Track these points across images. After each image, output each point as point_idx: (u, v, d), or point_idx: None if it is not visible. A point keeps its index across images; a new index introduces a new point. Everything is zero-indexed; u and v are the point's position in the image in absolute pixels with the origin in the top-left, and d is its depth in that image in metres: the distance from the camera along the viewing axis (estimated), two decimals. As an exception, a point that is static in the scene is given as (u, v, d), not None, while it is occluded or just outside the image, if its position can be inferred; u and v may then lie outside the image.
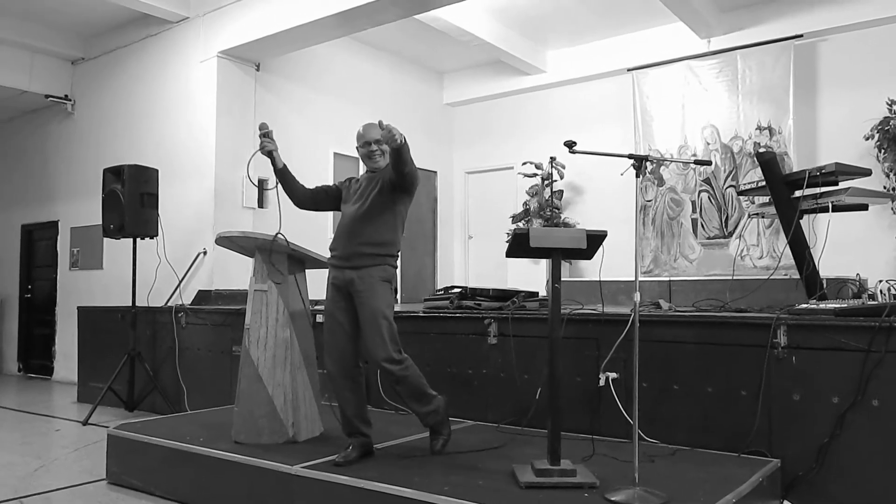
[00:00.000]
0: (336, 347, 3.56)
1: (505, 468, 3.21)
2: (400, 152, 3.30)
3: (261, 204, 7.75)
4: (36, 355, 9.65)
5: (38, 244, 9.78)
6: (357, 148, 3.70)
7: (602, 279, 4.29)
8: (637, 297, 2.98)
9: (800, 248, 4.10)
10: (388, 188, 3.52)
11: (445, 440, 3.61)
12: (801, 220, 4.15)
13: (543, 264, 8.57)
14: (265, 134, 3.76)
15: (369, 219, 3.53)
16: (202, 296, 6.97)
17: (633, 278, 3.01)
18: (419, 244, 9.88)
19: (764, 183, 4.33)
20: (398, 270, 3.68)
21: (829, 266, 4.38)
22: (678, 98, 8.29)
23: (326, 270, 4.36)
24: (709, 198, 8.09)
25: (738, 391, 3.56)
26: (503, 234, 9.19)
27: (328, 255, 3.92)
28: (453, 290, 5.10)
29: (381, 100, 9.23)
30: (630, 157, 3.04)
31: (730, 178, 7.95)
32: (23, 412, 6.72)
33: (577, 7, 8.10)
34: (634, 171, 3.05)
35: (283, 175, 3.85)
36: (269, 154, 3.79)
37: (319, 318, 5.20)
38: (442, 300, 5.03)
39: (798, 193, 4.11)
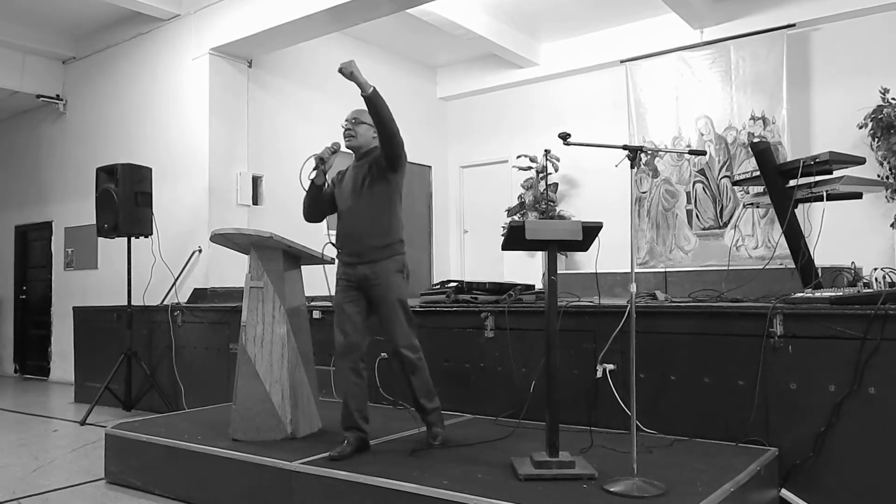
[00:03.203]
0: (346, 341, 3.58)
1: (503, 461, 3.21)
2: (371, 101, 3.40)
3: (255, 201, 7.74)
4: (32, 356, 9.62)
5: (32, 245, 9.75)
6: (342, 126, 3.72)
7: (598, 271, 4.30)
8: (633, 288, 2.99)
9: (795, 238, 4.11)
10: (377, 171, 3.55)
11: (444, 435, 3.66)
12: (795, 210, 4.15)
13: (539, 257, 8.59)
14: (334, 151, 3.68)
15: (370, 211, 3.56)
16: (198, 294, 6.96)
17: (630, 270, 3.02)
18: (415, 239, 9.85)
19: (758, 173, 4.33)
20: (407, 254, 3.71)
21: (824, 255, 4.40)
22: (672, 89, 8.29)
23: (322, 267, 4.38)
24: (703, 188, 8.10)
25: (735, 381, 3.57)
26: (498, 228, 9.19)
27: (323, 250, 3.94)
28: (450, 285, 5.11)
29: (374, 95, 9.19)
30: (625, 148, 3.04)
31: (724, 169, 7.96)
32: (20, 413, 6.70)
33: (570, -1, 8.09)
34: (629, 163, 3.05)
35: (319, 192, 3.71)
36: (322, 162, 3.63)
37: (316, 315, 5.23)
38: (438, 294, 5.03)
39: (792, 183, 4.11)
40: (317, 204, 3.73)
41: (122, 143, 8.06)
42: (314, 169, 3.61)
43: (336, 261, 3.75)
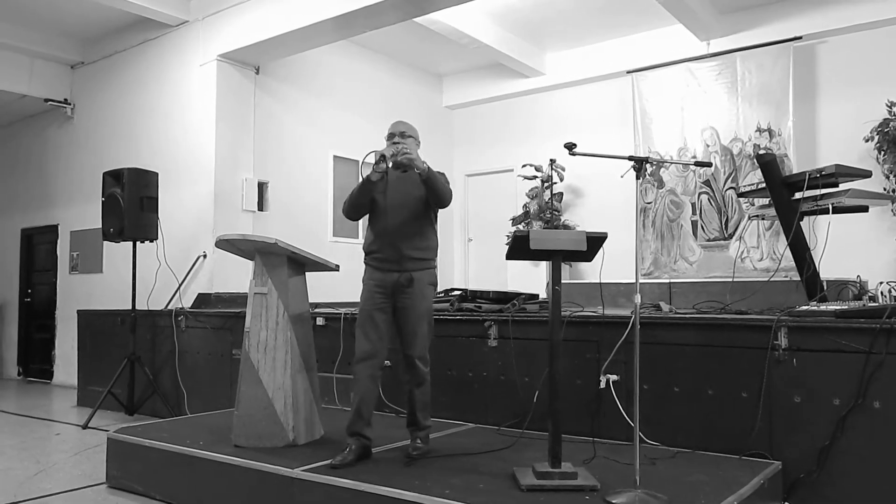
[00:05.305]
0: (370, 348, 3.55)
1: (506, 471, 3.20)
2: (430, 182, 3.44)
3: (261, 207, 7.76)
4: (36, 359, 9.64)
5: (37, 248, 9.78)
6: (385, 140, 3.71)
7: (602, 281, 4.29)
8: (637, 299, 2.98)
9: (800, 250, 4.10)
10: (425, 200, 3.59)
11: (425, 451, 3.61)
12: (801, 222, 4.15)
13: (543, 267, 8.57)
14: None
15: (416, 223, 3.59)
16: (202, 299, 6.97)
17: (634, 280, 3.01)
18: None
19: (764, 185, 4.33)
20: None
21: (829, 268, 4.38)
22: (677, 100, 8.30)
23: (325, 273, 4.39)
24: (709, 200, 8.09)
25: (738, 393, 3.56)
26: (503, 237, 9.19)
27: (319, 255, 3.90)
28: (454, 293, 5.10)
29: (380, 102, 9.23)
30: (630, 158, 3.04)
31: (730, 180, 7.95)
32: (22, 416, 6.71)
33: (576, 9, 8.10)
34: (634, 173, 3.05)
35: (371, 191, 3.56)
36: (384, 159, 3.41)
37: (320, 322, 5.23)
38: (442, 302, 5.02)
39: (798, 195, 4.11)
40: (365, 202, 3.58)
41: (129, 148, 8.09)
42: (376, 164, 3.41)
43: (368, 266, 3.65)
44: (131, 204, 6.44)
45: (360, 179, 3.55)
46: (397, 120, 3.78)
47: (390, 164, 3.45)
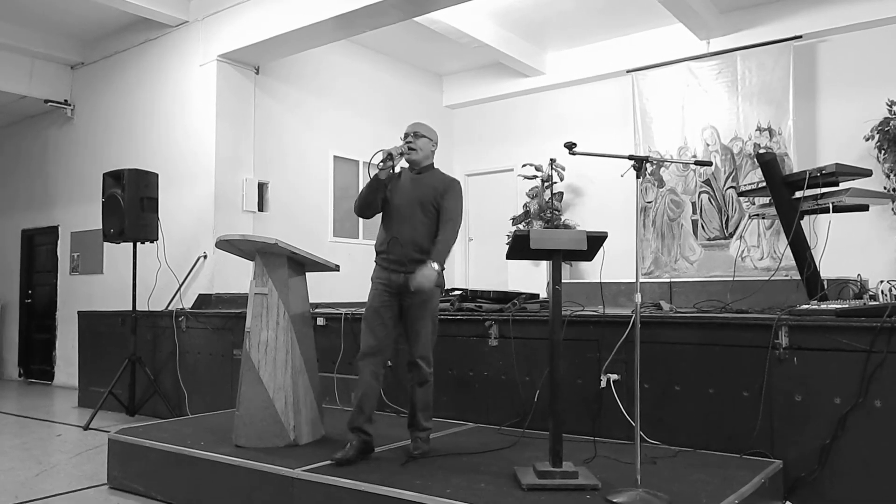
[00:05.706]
0: (375, 344, 3.58)
1: (507, 470, 3.20)
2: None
3: (261, 207, 7.76)
4: (36, 360, 9.64)
5: (38, 249, 9.77)
6: (401, 139, 3.74)
7: (603, 281, 4.29)
8: (638, 298, 2.98)
9: (801, 249, 4.10)
10: (436, 201, 3.60)
11: (426, 451, 3.62)
12: (801, 221, 4.15)
13: (544, 266, 8.57)
14: (402, 154, 3.59)
15: (426, 227, 3.61)
16: (203, 299, 6.97)
17: (634, 280, 3.01)
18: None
19: (764, 184, 4.33)
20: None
21: (829, 267, 4.38)
22: (678, 99, 8.30)
23: (325, 274, 4.39)
24: (709, 199, 8.09)
25: (739, 392, 3.56)
26: (503, 237, 9.19)
27: (320, 255, 3.90)
28: (454, 293, 5.11)
29: (380, 102, 9.24)
30: (630, 158, 3.04)
31: (730, 180, 7.95)
32: (24, 417, 6.71)
33: (576, 9, 8.10)
34: (635, 173, 3.05)
35: (379, 189, 3.62)
36: (391, 158, 3.50)
37: (320, 322, 5.23)
38: (443, 302, 5.02)
39: (798, 194, 4.11)
40: (374, 200, 3.64)
41: (129, 149, 8.09)
42: (381, 161, 3.49)
43: (377, 266, 3.70)
44: (131, 205, 6.44)
45: (368, 178, 3.59)
46: (415, 121, 3.80)
47: (397, 163, 3.51)
